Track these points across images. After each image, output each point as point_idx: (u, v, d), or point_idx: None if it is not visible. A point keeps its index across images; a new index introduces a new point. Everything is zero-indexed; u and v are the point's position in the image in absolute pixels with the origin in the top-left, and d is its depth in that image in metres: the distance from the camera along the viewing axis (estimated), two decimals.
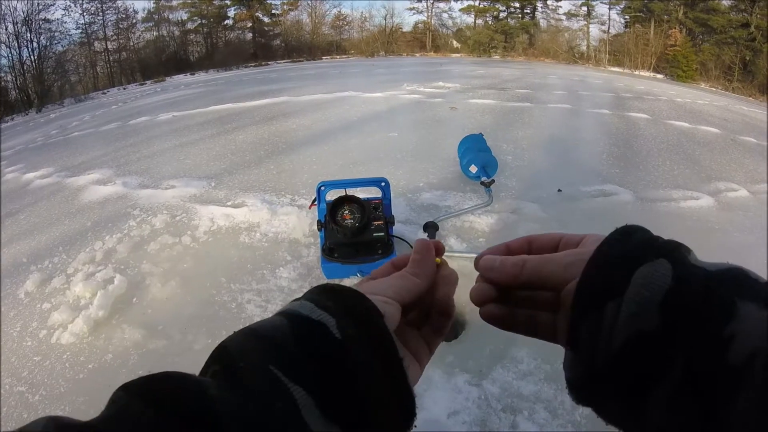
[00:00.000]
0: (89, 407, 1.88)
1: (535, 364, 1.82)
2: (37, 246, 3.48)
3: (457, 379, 1.76)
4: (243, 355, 0.33)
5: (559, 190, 3.57)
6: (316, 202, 2.49)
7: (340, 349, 0.34)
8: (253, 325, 0.37)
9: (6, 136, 12.07)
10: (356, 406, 0.33)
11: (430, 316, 0.47)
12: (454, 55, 29.86)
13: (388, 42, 31.96)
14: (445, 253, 0.49)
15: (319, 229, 2.41)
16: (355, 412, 0.33)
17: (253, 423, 0.29)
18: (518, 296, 0.43)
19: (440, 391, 1.72)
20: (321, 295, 0.39)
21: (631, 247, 0.34)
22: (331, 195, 2.43)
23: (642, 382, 0.31)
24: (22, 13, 23.04)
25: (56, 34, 25.08)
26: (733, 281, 0.30)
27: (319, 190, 2.43)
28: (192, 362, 2.03)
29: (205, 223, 3.32)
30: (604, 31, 28.55)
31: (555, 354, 1.78)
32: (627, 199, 3.56)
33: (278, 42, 32.97)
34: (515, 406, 1.65)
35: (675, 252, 0.34)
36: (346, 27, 34.41)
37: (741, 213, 3.52)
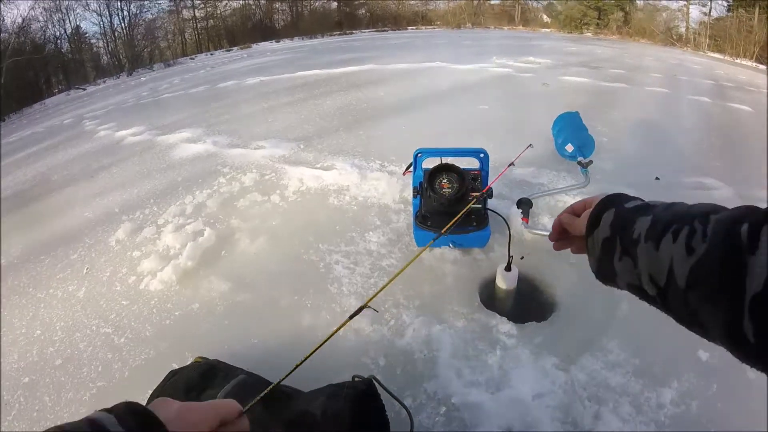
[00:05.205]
0: (172, 352, 1.92)
1: (625, 356, 1.74)
2: (129, 198, 3.61)
3: (545, 361, 1.72)
4: None
5: (657, 178, 3.35)
6: (411, 169, 2.41)
7: None
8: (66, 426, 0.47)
9: (98, 98, 12.91)
10: None
11: None
12: (543, 30, 28.35)
13: (475, 13, 31.01)
14: (530, 230, 0.51)
15: (414, 196, 2.32)
16: None
17: None
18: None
19: (527, 370, 1.68)
20: (127, 414, 0.49)
21: (607, 201, 0.70)
22: (427, 163, 2.36)
23: (614, 248, 0.65)
24: None
25: (146, 2, 26.30)
26: (644, 208, 0.64)
27: (416, 157, 2.35)
28: (277, 317, 2.03)
29: (294, 183, 3.33)
30: (705, 14, 26.10)
31: (645, 347, 1.79)
32: (727, 195, 3.24)
33: (363, 11, 32.80)
34: (601, 396, 1.59)
35: (620, 203, 0.69)
36: None
37: None
